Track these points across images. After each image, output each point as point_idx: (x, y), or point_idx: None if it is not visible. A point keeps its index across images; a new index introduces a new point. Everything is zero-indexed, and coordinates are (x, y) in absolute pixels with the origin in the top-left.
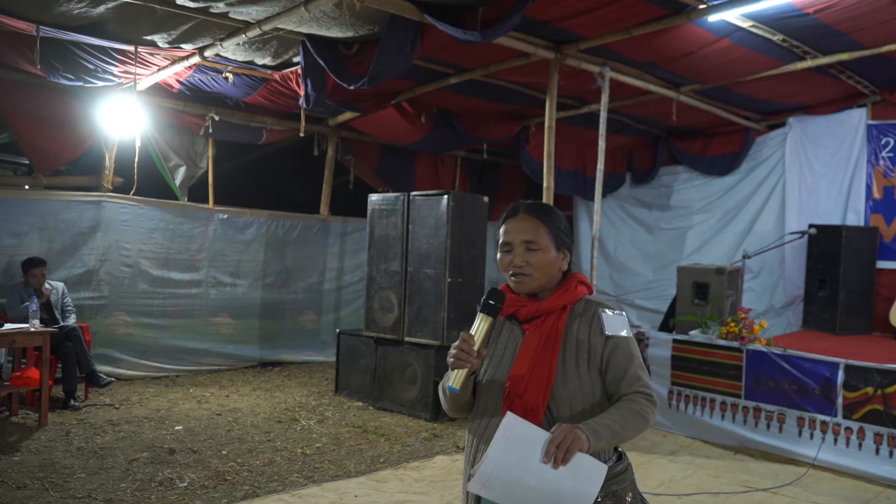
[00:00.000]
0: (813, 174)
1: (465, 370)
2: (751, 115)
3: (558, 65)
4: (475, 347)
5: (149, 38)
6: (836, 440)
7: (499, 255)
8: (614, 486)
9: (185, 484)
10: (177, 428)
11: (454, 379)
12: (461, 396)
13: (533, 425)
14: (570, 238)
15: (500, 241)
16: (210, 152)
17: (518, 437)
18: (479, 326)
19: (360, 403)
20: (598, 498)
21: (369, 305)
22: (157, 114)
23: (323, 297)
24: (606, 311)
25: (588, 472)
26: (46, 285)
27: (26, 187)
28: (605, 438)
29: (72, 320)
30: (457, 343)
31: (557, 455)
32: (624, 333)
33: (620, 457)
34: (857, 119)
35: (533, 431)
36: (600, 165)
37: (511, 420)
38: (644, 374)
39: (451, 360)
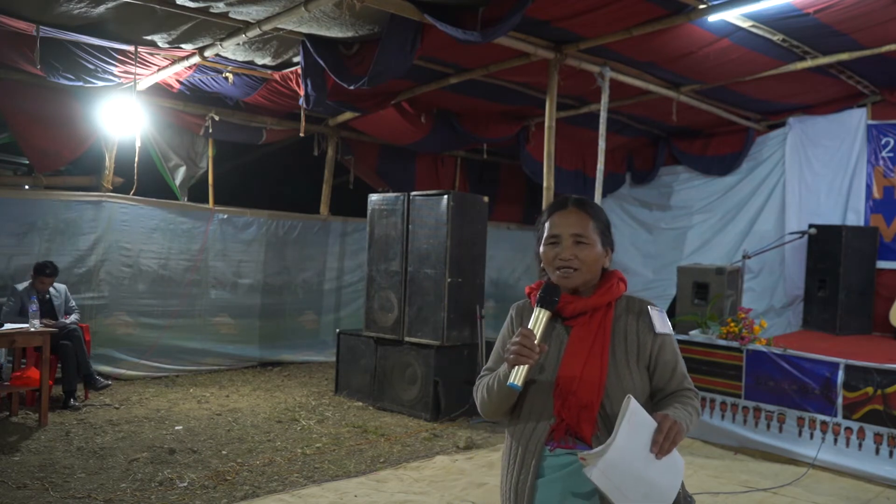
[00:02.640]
0: (813, 174)
1: (527, 366)
2: (751, 115)
3: (558, 65)
4: (535, 342)
5: (149, 38)
6: (836, 440)
7: (542, 249)
8: None
9: (185, 484)
10: (177, 428)
11: (517, 376)
12: (515, 395)
13: (646, 412)
14: (612, 236)
15: (546, 233)
16: (210, 152)
17: (637, 423)
18: (538, 321)
19: (360, 403)
20: None
21: (369, 305)
22: (157, 114)
23: (323, 297)
24: (653, 307)
25: (675, 463)
26: (51, 289)
27: (26, 187)
28: (685, 433)
29: (72, 318)
30: (516, 339)
31: (664, 446)
32: (669, 331)
33: None
34: (857, 119)
35: (646, 419)
36: (600, 165)
37: (634, 405)
38: (686, 371)
39: (512, 356)
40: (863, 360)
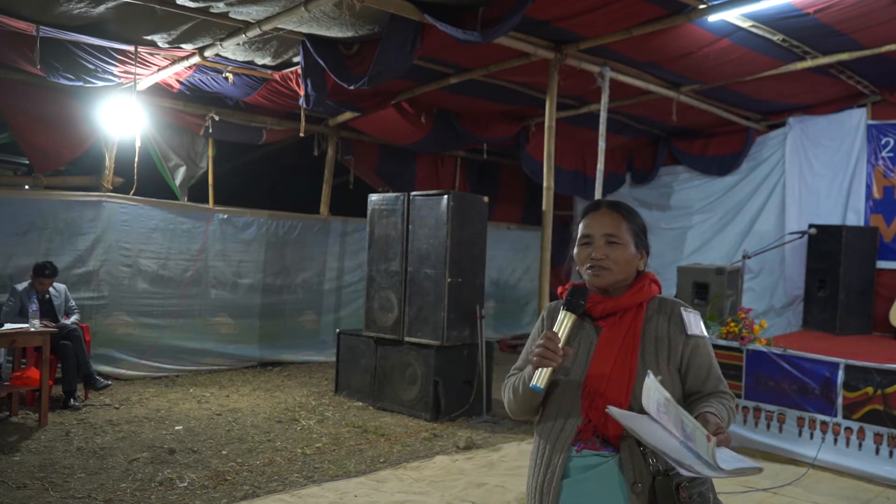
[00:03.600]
0: (813, 174)
1: (551, 369)
2: (751, 115)
3: (558, 65)
4: (560, 345)
5: (149, 38)
6: (836, 440)
7: (576, 250)
8: (700, 488)
9: (185, 484)
10: (177, 428)
11: (540, 378)
12: (539, 396)
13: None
14: (647, 240)
15: (580, 234)
16: (210, 152)
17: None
18: (564, 324)
19: (360, 403)
20: (687, 497)
21: (369, 305)
22: (157, 114)
23: (323, 297)
24: (686, 309)
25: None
26: (51, 289)
27: (26, 187)
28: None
29: (73, 319)
30: (540, 341)
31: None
32: (702, 332)
33: None
34: (857, 119)
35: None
36: (600, 165)
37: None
38: (722, 375)
39: (536, 358)
40: (863, 360)
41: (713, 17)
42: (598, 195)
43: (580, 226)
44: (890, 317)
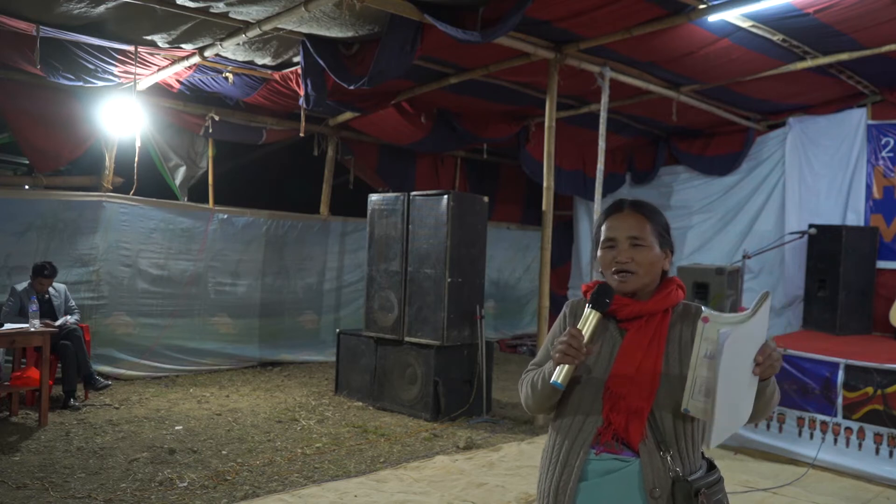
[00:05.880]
0: (813, 174)
1: (572, 366)
2: (751, 115)
3: (558, 65)
4: (584, 343)
5: (149, 38)
6: (836, 440)
7: (599, 253)
8: (718, 495)
9: (185, 484)
10: (177, 428)
11: (560, 375)
12: (558, 393)
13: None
14: (671, 238)
15: (603, 237)
16: (210, 152)
17: (759, 323)
18: (589, 322)
19: (360, 403)
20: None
21: (369, 305)
22: (157, 114)
23: (323, 297)
24: (708, 312)
25: (749, 400)
26: (50, 289)
27: (26, 187)
28: (773, 386)
29: (73, 319)
30: (563, 338)
31: (765, 365)
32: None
33: (713, 466)
34: (857, 119)
35: (763, 327)
36: (600, 165)
37: (767, 303)
38: None
39: (558, 355)
40: (863, 360)
41: (713, 17)
42: (598, 195)
43: (602, 228)
44: (890, 317)
